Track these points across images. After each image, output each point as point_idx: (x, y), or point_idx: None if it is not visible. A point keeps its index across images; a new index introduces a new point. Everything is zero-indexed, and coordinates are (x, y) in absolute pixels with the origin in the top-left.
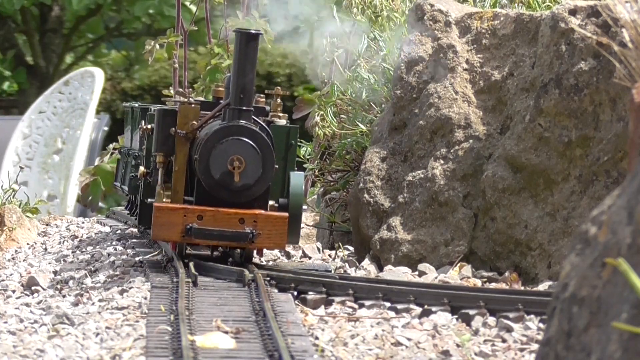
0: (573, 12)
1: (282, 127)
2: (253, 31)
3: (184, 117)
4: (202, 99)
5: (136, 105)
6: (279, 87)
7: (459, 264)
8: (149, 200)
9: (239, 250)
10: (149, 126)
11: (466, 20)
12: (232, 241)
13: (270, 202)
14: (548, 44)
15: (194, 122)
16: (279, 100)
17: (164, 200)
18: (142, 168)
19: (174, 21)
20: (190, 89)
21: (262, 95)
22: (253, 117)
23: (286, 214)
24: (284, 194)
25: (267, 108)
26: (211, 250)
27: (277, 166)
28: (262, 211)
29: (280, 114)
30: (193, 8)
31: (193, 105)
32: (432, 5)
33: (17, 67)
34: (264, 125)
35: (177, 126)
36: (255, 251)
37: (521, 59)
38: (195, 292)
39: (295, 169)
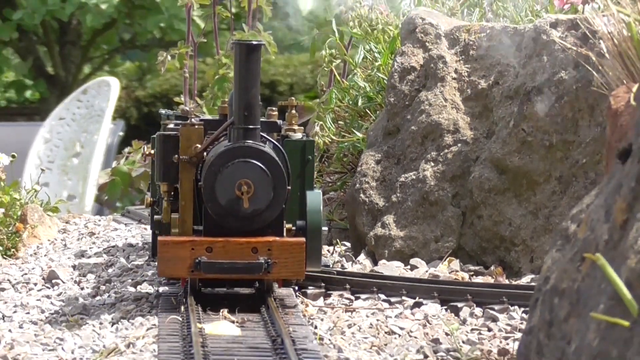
0: (554, 25)
1: (297, 141)
2: (254, 42)
3: (187, 141)
4: (208, 116)
5: (171, 112)
6: (292, 98)
7: (448, 259)
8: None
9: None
10: (152, 151)
11: (455, 33)
12: (245, 273)
13: (288, 225)
14: (531, 55)
15: (198, 145)
16: (293, 111)
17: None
18: (148, 197)
19: (184, 34)
20: (195, 105)
21: (273, 108)
22: (262, 134)
23: (303, 239)
24: (301, 215)
25: (280, 122)
26: (227, 284)
27: (289, 187)
28: (277, 238)
29: (296, 127)
30: (201, 23)
31: (196, 127)
32: (423, 19)
33: (38, 77)
34: (275, 142)
35: (179, 150)
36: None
37: (506, 68)
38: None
39: (315, 186)
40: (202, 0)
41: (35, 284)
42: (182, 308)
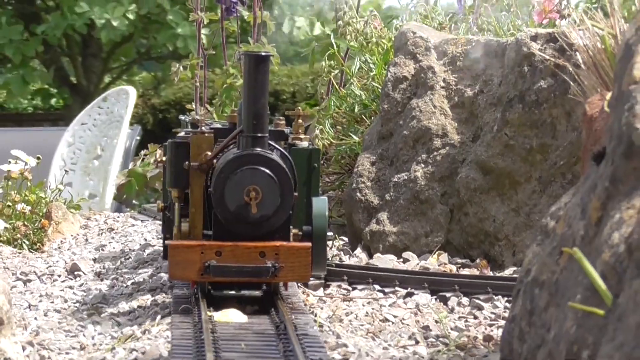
0: (534, 38)
1: (303, 150)
2: (262, 53)
3: (197, 148)
4: (218, 125)
5: (190, 119)
6: (299, 108)
7: (437, 252)
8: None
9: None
10: (164, 158)
11: (443, 45)
12: (253, 277)
13: (295, 230)
14: (513, 66)
15: (208, 152)
16: (300, 120)
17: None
18: (159, 202)
19: (194, 47)
20: (206, 111)
21: (281, 117)
22: (270, 142)
23: (309, 244)
24: (307, 221)
25: (287, 131)
26: (236, 287)
27: (296, 194)
28: (284, 242)
29: (302, 136)
30: (206, 43)
31: (206, 135)
32: (414, 33)
33: (62, 86)
34: (282, 150)
35: (190, 158)
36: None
37: (490, 78)
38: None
39: (320, 192)
40: (212, 16)
41: (59, 276)
42: (193, 298)
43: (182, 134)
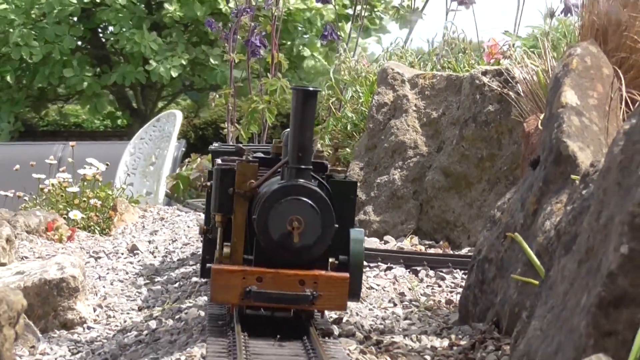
0: (484, 73)
1: (341, 182)
2: (311, 88)
3: (242, 176)
4: (261, 154)
5: (217, 144)
6: (336, 141)
7: (410, 236)
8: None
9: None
10: (209, 183)
11: (415, 79)
12: (292, 304)
13: (331, 260)
14: (468, 94)
15: (253, 180)
16: (336, 153)
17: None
18: (202, 225)
19: (228, 81)
20: (235, 129)
21: (321, 150)
22: (312, 174)
23: (347, 275)
24: (343, 251)
25: (326, 162)
26: (272, 311)
27: (337, 226)
28: (323, 272)
29: (339, 168)
30: (238, 75)
31: (251, 164)
32: (393, 69)
33: (125, 110)
34: (323, 182)
35: (235, 185)
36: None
37: (450, 104)
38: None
39: (356, 224)
40: (240, 57)
41: (122, 254)
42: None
43: (218, 160)
